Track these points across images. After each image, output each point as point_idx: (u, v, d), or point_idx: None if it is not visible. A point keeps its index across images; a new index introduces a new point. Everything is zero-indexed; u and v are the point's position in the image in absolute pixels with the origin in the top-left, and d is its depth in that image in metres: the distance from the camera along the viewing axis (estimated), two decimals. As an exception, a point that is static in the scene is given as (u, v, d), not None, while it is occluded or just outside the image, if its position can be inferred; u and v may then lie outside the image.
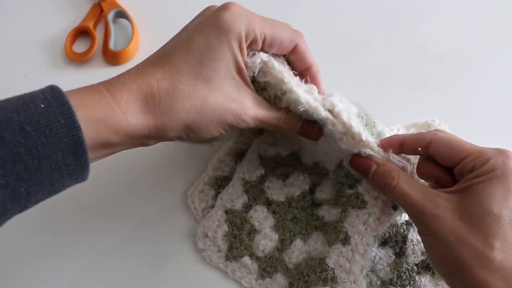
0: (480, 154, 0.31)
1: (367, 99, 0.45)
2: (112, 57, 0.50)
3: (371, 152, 0.33)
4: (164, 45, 0.32)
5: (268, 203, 0.41)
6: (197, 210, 0.42)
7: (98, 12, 0.53)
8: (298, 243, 0.39)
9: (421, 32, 0.53)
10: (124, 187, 0.44)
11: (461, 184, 0.31)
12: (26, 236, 0.42)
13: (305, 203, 0.40)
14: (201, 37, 0.30)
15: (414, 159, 0.35)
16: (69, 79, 0.50)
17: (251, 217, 0.40)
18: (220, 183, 0.43)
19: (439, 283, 0.38)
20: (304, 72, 0.36)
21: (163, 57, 0.30)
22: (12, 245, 0.42)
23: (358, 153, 0.33)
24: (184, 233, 0.42)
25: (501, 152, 0.31)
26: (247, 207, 0.41)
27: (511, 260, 0.28)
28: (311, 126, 0.34)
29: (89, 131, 0.26)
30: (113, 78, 0.29)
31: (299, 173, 0.41)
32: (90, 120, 0.26)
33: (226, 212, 0.40)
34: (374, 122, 0.39)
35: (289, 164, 0.41)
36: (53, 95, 0.26)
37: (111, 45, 0.51)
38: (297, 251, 0.38)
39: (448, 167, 0.33)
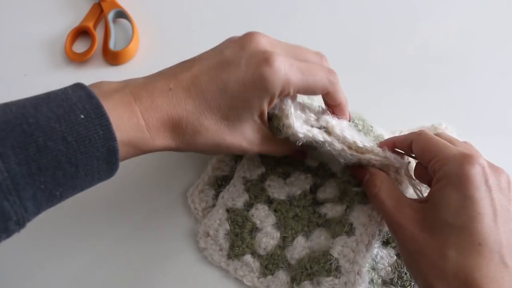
0: (442, 157, 0.31)
1: (367, 100, 0.46)
2: (112, 57, 0.50)
3: (371, 156, 0.35)
4: (195, 64, 0.33)
5: (269, 202, 0.41)
6: (197, 210, 0.42)
7: (98, 12, 0.53)
8: (300, 240, 0.39)
9: (421, 32, 0.53)
10: (123, 187, 0.44)
11: (428, 192, 0.32)
12: (26, 236, 0.42)
13: (307, 202, 0.40)
14: (238, 85, 0.31)
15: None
16: (69, 79, 0.49)
17: (253, 216, 0.40)
18: (220, 183, 0.43)
19: None
20: (333, 108, 0.37)
21: (196, 87, 0.31)
22: (13, 247, 0.42)
23: (358, 160, 0.35)
24: (185, 232, 0.42)
25: (462, 156, 0.30)
26: (249, 205, 0.41)
27: (466, 269, 0.28)
28: (302, 154, 0.40)
29: (121, 147, 0.28)
30: (143, 92, 0.30)
31: (300, 172, 0.41)
32: (123, 141, 0.28)
33: (228, 210, 0.40)
34: (371, 127, 0.40)
35: (290, 163, 0.42)
36: (91, 105, 0.27)
37: (111, 45, 0.51)
38: (299, 248, 0.39)
39: None
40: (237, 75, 0.31)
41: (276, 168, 0.42)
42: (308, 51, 0.36)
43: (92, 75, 0.50)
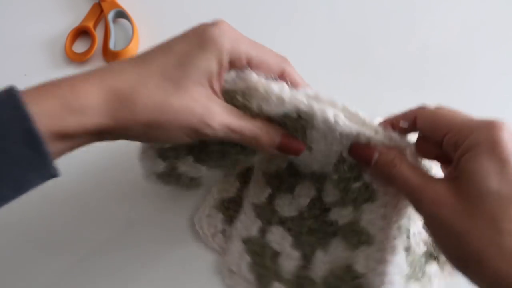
0: (461, 128, 0.28)
1: (367, 100, 0.46)
2: (112, 57, 0.50)
3: (371, 134, 0.31)
4: (149, 49, 0.32)
5: (282, 222, 0.39)
6: (206, 235, 0.41)
7: (98, 12, 0.53)
8: (319, 255, 0.37)
9: (421, 32, 0.53)
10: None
11: (454, 164, 0.29)
12: (29, 237, 0.42)
13: (316, 211, 0.38)
14: (183, 43, 0.30)
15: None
16: (69, 79, 0.50)
17: (270, 241, 0.39)
18: (227, 205, 0.41)
19: (444, 268, 0.37)
20: None
21: (141, 57, 0.30)
22: (15, 250, 0.42)
23: (357, 137, 0.31)
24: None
25: (485, 123, 0.28)
26: (263, 231, 0.39)
27: None
28: (292, 138, 0.33)
29: (45, 125, 0.26)
30: (76, 76, 0.29)
31: (303, 180, 0.39)
32: (45, 113, 0.26)
33: (244, 242, 0.39)
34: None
35: (292, 174, 0.40)
36: (6, 91, 0.26)
37: (111, 45, 0.51)
38: (320, 263, 0.36)
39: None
40: (183, 36, 0.31)
41: (281, 185, 0.40)
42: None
43: (92, 75, 0.50)
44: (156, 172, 0.37)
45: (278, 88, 0.30)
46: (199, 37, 0.30)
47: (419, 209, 0.29)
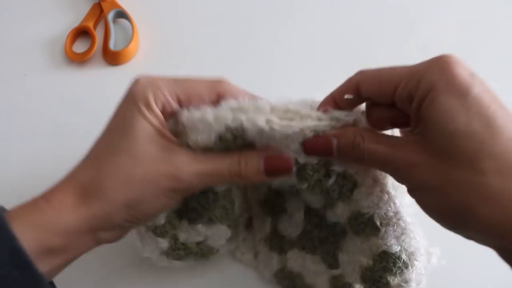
0: (410, 76, 0.26)
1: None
2: (112, 57, 0.50)
3: (316, 123, 0.28)
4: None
5: (294, 244, 0.39)
6: (249, 260, 0.41)
7: (98, 12, 0.53)
8: (343, 258, 0.35)
9: (421, 32, 0.53)
10: None
11: (413, 118, 0.26)
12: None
13: (315, 219, 0.37)
14: (115, 115, 0.30)
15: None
16: (69, 79, 0.50)
17: (292, 267, 0.38)
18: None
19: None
20: None
21: (90, 151, 0.30)
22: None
23: (302, 132, 0.28)
24: None
25: (434, 62, 0.25)
26: (283, 262, 0.39)
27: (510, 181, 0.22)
28: (275, 156, 0.29)
29: (28, 239, 0.25)
30: (54, 185, 0.29)
31: (288, 197, 0.38)
32: (26, 228, 0.25)
33: (275, 275, 0.39)
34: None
35: (277, 195, 0.39)
36: None
37: (111, 45, 0.51)
38: (349, 265, 0.35)
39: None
40: (114, 110, 0.30)
41: (275, 209, 0.39)
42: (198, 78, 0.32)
43: (92, 75, 0.50)
44: (163, 251, 0.35)
45: (199, 113, 0.29)
46: (124, 101, 0.30)
47: (398, 178, 0.27)
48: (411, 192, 0.27)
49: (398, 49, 0.52)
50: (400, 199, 0.31)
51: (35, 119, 0.48)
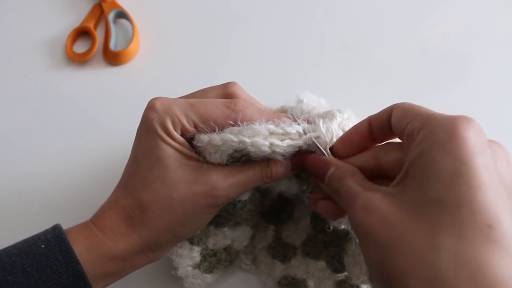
0: (425, 117, 0.23)
1: (367, 100, 0.46)
2: (112, 58, 0.51)
3: (299, 142, 0.30)
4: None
5: (297, 251, 0.39)
6: (248, 265, 0.41)
7: (98, 12, 0.53)
8: (348, 260, 0.36)
9: (421, 32, 0.53)
10: None
11: (405, 165, 0.24)
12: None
13: (321, 223, 0.37)
14: (139, 145, 0.31)
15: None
16: (70, 80, 0.50)
17: (296, 274, 0.38)
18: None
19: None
20: None
21: (125, 178, 0.32)
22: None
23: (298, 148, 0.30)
24: None
25: (453, 116, 0.22)
26: (286, 269, 0.39)
27: (470, 264, 0.19)
28: (300, 155, 0.31)
29: (87, 263, 0.28)
30: (98, 211, 0.31)
31: (297, 202, 0.39)
32: (84, 253, 0.28)
33: (279, 283, 0.39)
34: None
35: (285, 201, 0.39)
36: (53, 234, 0.28)
37: (112, 46, 0.51)
38: (354, 268, 0.35)
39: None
40: (136, 138, 0.32)
41: (280, 216, 0.40)
42: (210, 91, 0.34)
43: (93, 75, 0.50)
44: (195, 264, 0.36)
45: (208, 138, 0.31)
46: (144, 130, 0.31)
47: (350, 217, 0.25)
48: (356, 234, 0.25)
49: (398, 49, 0.52)
50: None
51: (36, 119, 0.48)
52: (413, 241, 0.21)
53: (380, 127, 0.28)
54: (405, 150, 0.25)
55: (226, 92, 0.33)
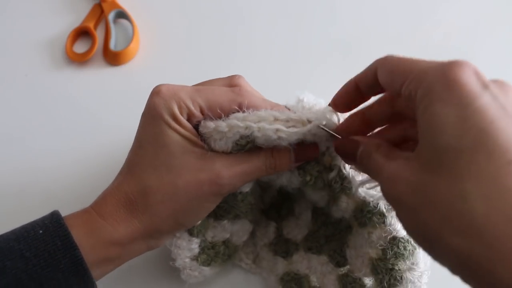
0: (418, 73, 0.23)
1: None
2: (112, 58, 0.51)
3: (306, 129, 0.30)
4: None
5: (299, 246, 0.39)
6: (248, 265, 0.41)
7: (98, 12, 0.53)
8: (350, 253, 0.36)
9: (421, 32, 0.53)
10: None
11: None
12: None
13: (322, 217, 0.38)
14: (144, 131, 0.31)
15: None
16: (70, 80, 0.50)
17: (298, 269, 0.38)
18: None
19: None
20: None
21: (128, 164, 0.32)
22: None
23: (302, 136, 0.30)
24: None
25: (444, 62, 0.22)
26: (288, 265, 0.39)
27: (499, 203, 0.19)
28: (303, 146, 0.31)
29: (85, 248, 0.27)
30: (98, 197, 0.31)
31: (297, 197, 0.39)
32: (83, 238, 0.28)
33: (282, 279, 0.38)
34: None
35: (286, 196, 0.39)
36: (51, 220, 0.28)
37: (112, 46, 0.51)
38: (357, 260, 0.35)
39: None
40: (141, 125, 0.31)
41: (281, 212, 0.40)
42: (215, 81, 0.34)
43: (93, 75, 0.50)
44: (193, 256, 0.36)
45: (214, 124, 0.31)
46: (150, 116, 0.31)
47: (382, 190, 0.25)
48: (391, 205, 0.25)
49: (399, 49, 0.52)
50: None
51: (36, 119, 0.48)
52: (439, 196, 0.20)
53: (368, 87, 0.28)
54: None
55: (231, 83, 0.33)
